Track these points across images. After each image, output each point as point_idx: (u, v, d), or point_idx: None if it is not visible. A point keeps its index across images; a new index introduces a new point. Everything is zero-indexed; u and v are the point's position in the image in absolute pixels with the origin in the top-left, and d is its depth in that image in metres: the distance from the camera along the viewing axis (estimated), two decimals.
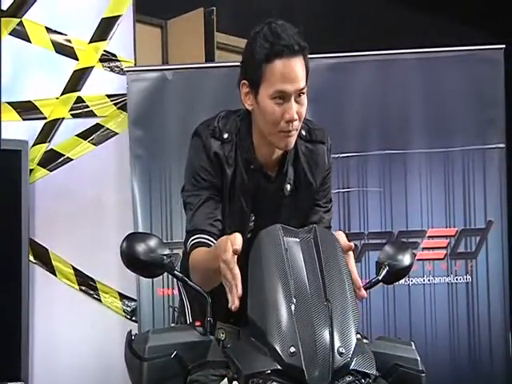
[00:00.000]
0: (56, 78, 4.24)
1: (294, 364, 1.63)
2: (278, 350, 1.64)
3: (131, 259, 1.91)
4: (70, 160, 4.24)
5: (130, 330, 1.80)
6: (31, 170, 4.14)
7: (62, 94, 4.24)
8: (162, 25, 5.31)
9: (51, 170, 4.21)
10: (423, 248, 4.05)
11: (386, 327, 3.97)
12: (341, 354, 1.64)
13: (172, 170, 4.02)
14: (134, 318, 4.19)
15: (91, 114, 4.26)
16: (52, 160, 4.22)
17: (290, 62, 2.05)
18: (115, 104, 4.27)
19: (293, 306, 1.69)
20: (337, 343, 1.65)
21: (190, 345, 1.76)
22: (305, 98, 2.10)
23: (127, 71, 4.17)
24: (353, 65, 4.13)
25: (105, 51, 4.28)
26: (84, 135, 4.25)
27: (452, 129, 4.08)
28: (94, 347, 4.17)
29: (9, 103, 4.17)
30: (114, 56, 4.29)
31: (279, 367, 1.63)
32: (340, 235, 1.96)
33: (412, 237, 4.05)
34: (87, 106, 4.25)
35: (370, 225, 4.06)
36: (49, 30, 4.24)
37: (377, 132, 4.10)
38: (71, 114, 4.24)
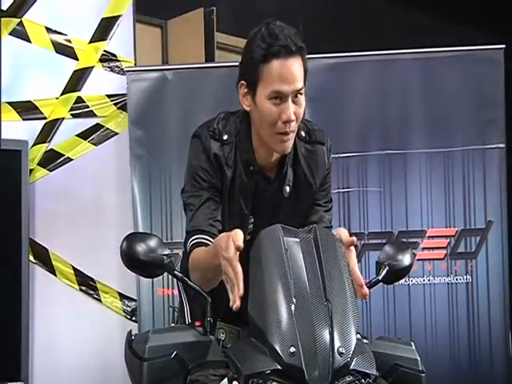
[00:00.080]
0: (56, 78, 4.24)
1: (293, 364, 1.62)
2: (278, 350, 1.64)
3: (131, 259, 1.91)
4: (70, 160, 4.24)
5: (130, 330, 1.80)
6: (31, 170, 4.14)
7: (62, 93, 4.24)
8: (162, 25, 5.31)
9: (51, 170, 4.21)
10: (423, 248, 4.05)
11: (385, 327, 3.97)
12: (341, 354, 1.64)
13: (172, 170, 4.02)
14: (133, 318, 4.19)
15: (91, 114, 4.26)
16: (52, 160, 4.22)
17: (287, 62, 2.05)
18: (115, 104, 4.27)
19: (293, 306, 1.69)
20: (337, 343, 1.65)
21: (189, 345, 1.75)
22: (303, 98, 2.09)
23: (127, 71, 4.17)
24: (352, 65, 4.13)
25: (105, 51, 4.28)
26: (84, 135, 4.26)
27: (452, 129, 4.08)
28: (94, 347, 4.17)
29: (9, 103, 4.17)
30: (114, 56, 4.29)
31: (279, 367, 1.63)
32: (342, 231, 1.97)
33: (412, 237, 4.05)
34: (87, 106, 4.26)
35: (370, 225, 4.06)
36: (49, 30, 4.24)
37: (377, 132, 4.10)
38: (71, 114, 4.24)
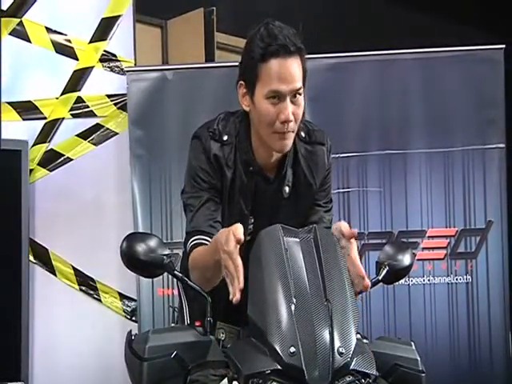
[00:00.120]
0: (56, 78, 4.24)
1: (294, 364, 1.62)
2: (278, 350, 1.64)
3: (131, 259, 1.91)
4: (70, 160, 4.24)
5: (130, 330, 1.80)
6: (31, 170, 4.14)
7: (62, 93, 4.24)
8: (162, 25, 5.31)
9: (51, 170, 4.21)
10: (423, 248, 4.05)
11: (385, 327, 3.97)
12: (341, 354, 1.64)
13: (172, 170, 4.02)
14: (133, 318, 4.19)
15: (91, 114, 4.26)
16: (52, 160, 4.22)
17: (285, 61, 2.05)
18: (115, 104, 4.27)
19: (293, 306, 1.69)
20: (337, 343, 1.65)
21: (189, 345, 1.75)
22: (301, 98, 2.09)
23: (127, 71, 4.17)
24: (352, 65, 4.12)
25: (105, 51, 4.28)
26: (84, 135, 4.25)
27: (452, 129, 4.08)
28: (94, 347, 4.17)
29: (9, 103, 4.17)
30: (114, 56, 4.29)
31: (279, 367, 1.63)
32: (342, 224, 1.98)
33: (412, 237, 4.04)
34: (87, 106, 4.25)
35: (370, 225, 4.06)
36: (49, 30, 4.24)
37: (377, 132, 4.10)
38: (71, 114, 4.24)
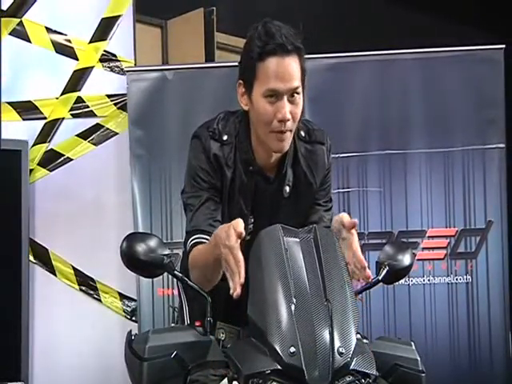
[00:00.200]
0: (56, 78, 4.24)
1: (294, 364, 1.62)
2: (278, 350, 1.64)
3: (131, 259, 1.91)
4: (70, 160, 4.24)
5: (130, 330, 1.80)
6: (31, 170, 4.14)
7: (62, 93, 4.24)
8: (162, 25, 5.31)
9: (51, 170, 4.21)
10: (423, 248, 4.05)
11: (385, 327, 3.97)
12: (341, 354, 1.64)
13: (172, 170, 4.02)
14: (134, 318, 4.19)
15: (91, 114, 4.26)
16: (52, 160, 4.22)
17: (282, 60, 2.05)
18: (115, 104, 4.27)
19: (293, 306, 1.69)
20: (337, 343, 1.65)
21: (189, 345, 1.75)
22: (300, 98, 2.09)
23: (127, 71, 4.17)
24: (352, 65, 4.12)
25: (105, 51, 4.28)
26: (84, 135, 4.25)
27: (452, 129, 4.08)
28: (94, 347, 4.17)
29: (9, 103, 4.17)
30: (114, 56, 4.29)
31: (279, 367, 1.63)
32: (344, 215, 1.98)
33: (412, 237, 4.04)
34: (87, 106, 4.26)
35: (370, 225, 4.06)
36: (49, 30, 4.24)
37: (377, 132, 4.10)
38: (71, 114, 4.24)
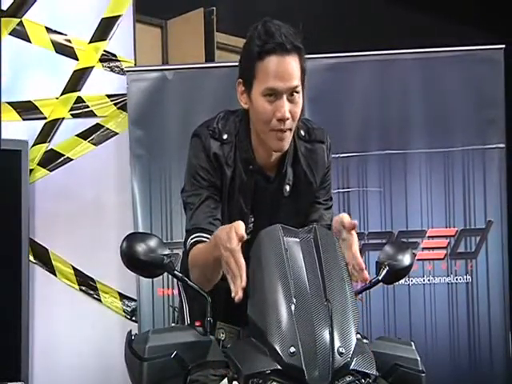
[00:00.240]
0: (56, 78, 4.24)
1: (294, 364, 1.62)
2: (278, 350, 1.63)
3: (131, 259, 1.90)
4: (70, 160, 4.24)
5: (130, 330, 1.80)
6: (31, 170, 4.14)
7: (62, 93, 4.24)
8: (162, 25, 5.31)
9: (51, 170, 4.21)
10: (423, 248, 4.05)
11: (385, 327, 3.97)
12: (341, 354, 1.64)
13: (172, 170, 4.02)
14: (134, 318, 4.19)
15: (91, 114, 4.26)
16: (52, 160, 4.22)
17: (281, 59, 2.05)
18: (115, 104, 4.27)
19: (293, 306, 1.69)
20: (337, 343, 1.65)
21: (189, 345, 1.75)
22: (299, 97, 2.09)
23: (127, 71, 4.17)
24: (352, 65, 4.12)
25: (105, 51, 4.28)
26: (84, 135, 4.26)
27: (452, 129, 4.08)
28: (94, 347, 4.17)
29: (9, 103, 4.17)
30: (114, 56, 4.29)
31: (279, 367, 1.63)
32: (344, 215, 1.97)
33: (412, 237, 4.04)
34: (87, 106, 4.26)
35: (370, 225, 4.06)
36: (49, 30, 4.24)
37: (377, 132, 4.10)
38: (71, 114, 4.24)
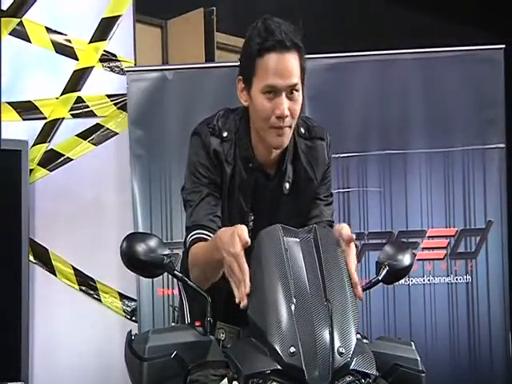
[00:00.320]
0: (56, 78, 4.24)
1: (294, 364, 1.62)
2: (278, 350, 1.63)
3: (131, 259, 1.90)
4: (70, 160, 4.24)
5: (130, 330, 1.79)
6: (31, 170, 4.14)
7: (62, 93, 4.24)
8: (162, 25, 5.31)
9: (51, 170, 4.21)
10: (423, 248, 4.05)
11: (385, 327, 3.97)
12: (341, 354, 1.64)
13: (172, 169, 4.02)
14: (134, 318, 4.19)
15: (91, 114, 4.26)
16: (52, 160, 4.22)
17: (281, 57, 2.05)
18: (115, 104, 4.27)
19: (293, 306, 1.68)
20: (337, 343, 1.65)
21: (189, 345, 1.75)
22: (299, 95, 2.09)
23: (127, 71, 4.17)
24: (352, 65, 4.12)
25: (105, 51, 4.28)
26: (84, 135, 4.25)
27: (452, 129, 4.08)
28: (94, 347, 4.17)
29: (9, 103, 4.17)
30: (114, 56, 4.29)
31: (279, 367, 1.63)
32: (344, 227, 1.93)
33: (412, 237, 4.04)
34: (87, 106, 4.26)
35: (370, 225, 4.06)
36: (49, 30, 4.24)
37: (377, 132, 4.10)
38: (71, 114, 4.24)
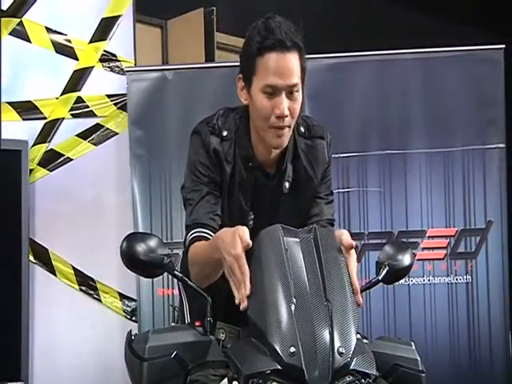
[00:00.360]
0: (56, 78, 4.24)
1: (294, 364, 1.62)
2: (278, 350, 1.63)
3: (131, 259, 1.90)
4: (70, 160, 4.24)
5: (130, 330, 1.79)
6: (31, 170, 4.14)
7: (62, 93, 4.24)
8: (162, 25, 5.31)
9: (51, 170, 4.21)
10: (423, 248, 4.05)
11: (385, 327, 3.97)
12: (341, 354, 1.64)
13: (172, 170, 4.02)
14: (134, 318, 4.19)
15: (91, 114, 4.26)
16: (52, 160, 4.22)
17: (281, 56, 2.05)
18: (115, 104, 4.27)
19: (293, 306, 1.68)
20: (337, 343, 1.65)
21: (189, 345, 1.75)
22: (299, 95, 2.09)
23: (127, 71, 4.17)
24: (352, 65, 4.12)
25: (105, 51, 4.28)
26: (84, 135, 4.25)
27: (452, 129, 4.08)
28: (94, 347, 4.17)
29: (9, 103, 4.17)
30: (114, 56, 4.29)
31: (279, 367, 1.63)
32: (344, 233, 1.92)
33: (412, 237, 4.04)
34: (87, 106, 4.26)
35: (370, 225, 4.06)
36: (49, 30, 4.24)
37: (377, 132, 4.10)
38: (71, 114, 4.24)
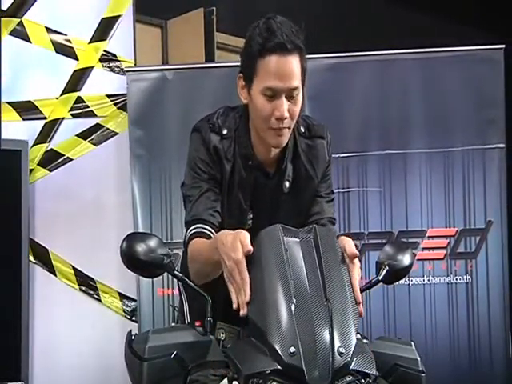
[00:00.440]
0: (56, 78, 4.24)
1: (294, 364, 1.62)
2: (278, 350, 1.63)
3: (131, 259, 1.90)
4: (70, 160, 4.24)
5: (130, 330, 1.79)
6: (31, 170, 4.14)
7: (62, 93, 4.24)
8: (162, 25, 5.31)
9: (51, 170, 4.21)
10: (423, 248, 4.05)
11: (385, 327, 3.97)
12: (341, 354, 1.64)
13: (172, 169, 4.02)
14: (134, 318, 4.19)
15: (91, 114, 4.26)
16: (52, 160, 4.22)
17: (282, 59, 2.04)
18: (115, 104, 4.27)
19: (293, 306, 1.69)
20: (337, 343, 1.65)
21: (189, 345, 1.75)
22: (299, 96, 2.09)
23: (127, 71, 4.17)
24: (352, 65, 4.12)
25: (105, 51, 4.28)
26: (84, 135, 4.26)
27: (452, 129, 4.08)
28: (94, 347, 4.17)
29: (9, 103, 4.17)
30: (114, 56, 4.29)
31: (279, 367, 1.63)
32: (348, 242, 1.91)
33: (412, 237, 4.04)
34: (87, 106, 4.26)
35: (370, 225, 4.06)
36: (49, 29, 4.24)
37: (377, 132, 4.10)
38: (71, 114, 4.24)
